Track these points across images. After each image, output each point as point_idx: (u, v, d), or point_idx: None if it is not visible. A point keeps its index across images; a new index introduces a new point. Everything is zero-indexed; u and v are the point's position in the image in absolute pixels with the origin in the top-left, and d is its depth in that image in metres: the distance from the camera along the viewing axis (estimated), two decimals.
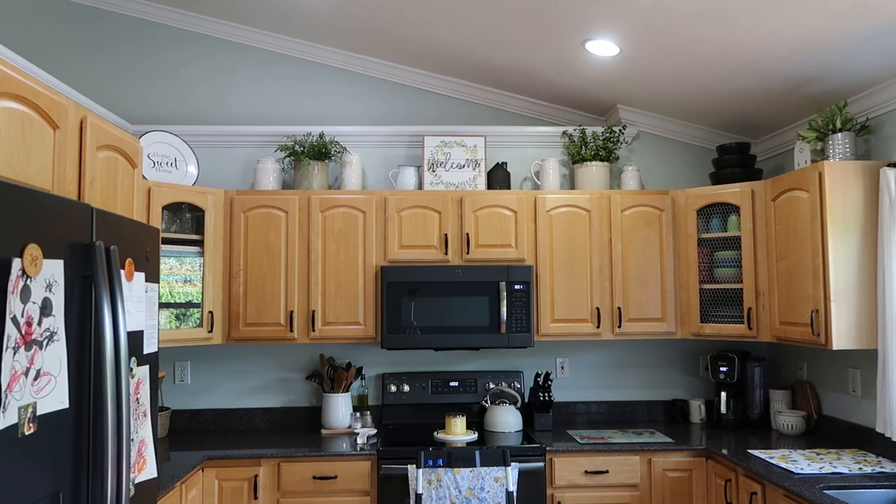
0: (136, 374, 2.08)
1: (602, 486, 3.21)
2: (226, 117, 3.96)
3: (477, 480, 3.00)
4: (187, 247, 3.39)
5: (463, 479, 3.01)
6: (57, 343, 1.60)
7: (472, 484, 3.02)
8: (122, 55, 3.93)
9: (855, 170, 2.89)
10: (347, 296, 3.50)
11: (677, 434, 3.48)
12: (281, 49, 3.96)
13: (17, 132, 1.77)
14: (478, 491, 3.00)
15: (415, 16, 3.25)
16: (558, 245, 3.58)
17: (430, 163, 3.74)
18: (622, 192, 3.63)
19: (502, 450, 3.03)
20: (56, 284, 1.60)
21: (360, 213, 3.54)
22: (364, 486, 3.15)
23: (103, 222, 1.87)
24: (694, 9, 2.64)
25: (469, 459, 3.07)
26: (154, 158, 3.51)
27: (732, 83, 3.28)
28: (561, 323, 3.56)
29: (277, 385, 3.83)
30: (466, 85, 3.99)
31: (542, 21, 3.01)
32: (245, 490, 3.13)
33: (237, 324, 3.47)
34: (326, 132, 3.86)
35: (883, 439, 2.94)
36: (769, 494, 2.67)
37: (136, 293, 2.08)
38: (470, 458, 3.08)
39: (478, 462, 3.07)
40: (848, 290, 2.86)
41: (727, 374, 3.64)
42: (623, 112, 3.91)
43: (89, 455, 1.78)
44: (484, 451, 3.05)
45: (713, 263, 3.59)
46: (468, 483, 3.02)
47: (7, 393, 1.41)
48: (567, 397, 3.92)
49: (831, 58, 2.83)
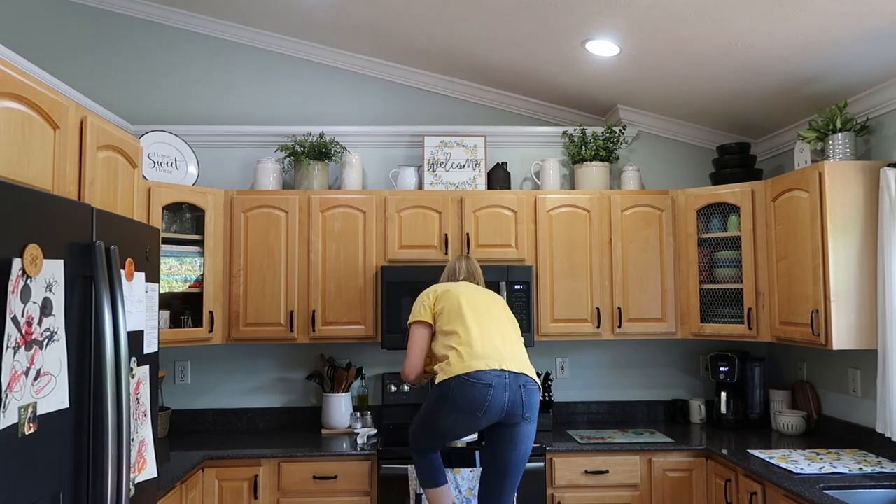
0: (137, 374, 2.08)
1: (602, 486, 3.21)
2: (226, 117, 3.96)
3: (477, 480, 3.00)
4: (187, 247, 3.39)
5: (463, 479, 3.01)
6: (57, 343, 1.60)
7: (472, 484, 3.01)
8: (122, 55, 3.93)
9: (855, 170, 2.89)
10: (347, 296, 3.50)
11: (677, 434, 3.48)
12: (281, 49, 3.97)
13: (17, 132, 1.77)
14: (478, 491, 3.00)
15: (415, 16, 3.25)
16: (558, 245, 3.59)
17: (430, 163, 3.74)
18: (622, 192, 3.63)
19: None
20: (56, 284, 1.60)
21: (360, 213, 3.54)
22: (364, 486, 3.15)
23: (103, 222, 1.87)
24: (694, 9, 2.65)
25: (469, 459, 3.07)
26: (154, 158, 3.51)
27: (732, 83, 3.28)
28: (561, 323, 3.56)
29: (277, 385, 3.83)
30: (466, 85, 3.99)
31: (543, 21, 3.01)
32: (245, 490, 3.13)
33: (237, 324, 3.47)
34: (326, 132, 3.86)
35: (883, 439, 2.94)
36: (769, 494, 2.67)
37: (137, 293, 2.08)
38: (470, 458, 3.08)
39: (478, 462, 3.07)
40: (848, 290, 2.86)
41: (727, 374, 3.64)
42: (623, 112, 3.91)
43: (89, 455, 1.78)
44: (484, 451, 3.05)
45: (713, 263, 3.59)
46: (468, 483, 3.02)
47: (7, 393, 1.41)
48: (567, 397, 3.92)
49: (831, 58, 2.83)
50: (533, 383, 2.62)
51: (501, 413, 2.54)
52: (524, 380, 2.59)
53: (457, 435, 2.63)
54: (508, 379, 2.54)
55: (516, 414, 2.55)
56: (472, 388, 2.51)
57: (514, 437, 2.58)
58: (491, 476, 2.64)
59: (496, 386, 2.51)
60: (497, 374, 2.53)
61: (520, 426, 2.58)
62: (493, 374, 2.53)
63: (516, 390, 2.54)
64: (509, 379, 2.55)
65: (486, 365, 2.54)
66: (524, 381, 2.59)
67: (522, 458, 2.61)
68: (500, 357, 2.58)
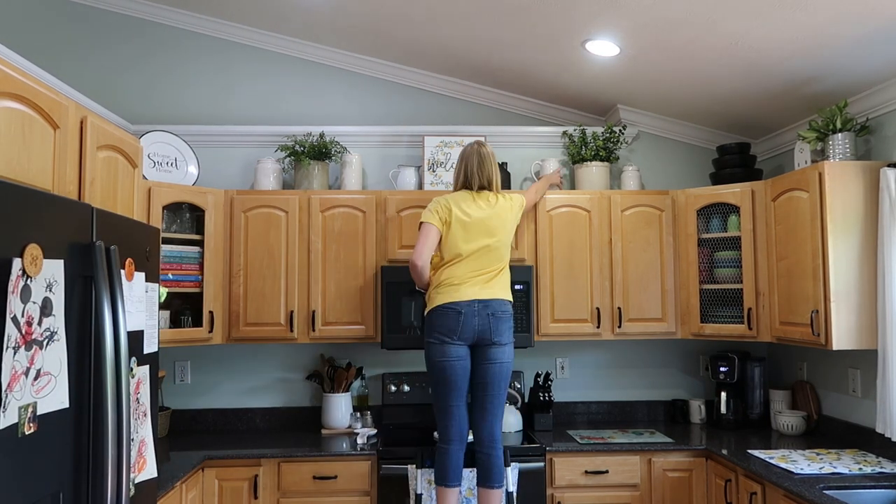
0: (137, 374, 2.08)
1: (602, 486, 3.21)
2: (226, 117, 3.96)
3: (475, 481, 2.99)
4: (187, 247, 3.40)
5: (463, 479, 3.00)
6: (57, 343, 1.60)
7: (472, 484, 3.01)
8: (122, 55, 3.93)
9: (855, 170, 2.89)
10: (347, 296, 3.51)
11: (677, 434, 3.48)
12: (281, 49, 3.97)
13: (17, 132, 1.77)
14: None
15: (415, 16, 3.25)
16: (558, 245, 3.59)
17: (430, 163, 3.74)
18: (622, 193, 3.63)
19: (502, 450, 3.03)
20: (56, 284, 1.60)
21: (360, 213, 3.54)
22: (364, 486, 3.15)
23: (103, 222, 1.87)
24: (694, 9, 2.65)
25: (468, 460, 3.07)
26: (154, 158, 3.51)
27: (732, 83, 3.28)
28: (561, 323, 3.56)
29: (277, 385, 3.83)
30: (467, 85, 3.99)
31: (543, 21, 3.01)
32: (245, 490, 3.13)
33: (237, 324, 3.47)
34: (326, 132, 3.87)
35: (883, 439, 2.94)
36: (769, 495, 2.67)
37: (137, 293, 2.08)
38: (469, 458, 3.07)
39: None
40: (848, 290, 2.86)
41: (727, 374, 3.64)
42: (623, 112, 3.91)
43: (89, 455, 1.78)
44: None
45: (713, 263, 3.59)
46: (468, 483, 3.02)
47: (7, 393, 1.41)
48: (567, 397, 3.92)
49: (831, 58, 2.83)
50: (502, 311, 2.93)
51: (473, 336, 2.89)
52: (493, 307, 2.91)
53: (456, 373, 2.88)
54: (478, 307, 2.89)
55: (486, 338, 2.90)
56: (445, 315, 2.89)
57: (488, 355, 2.92)
58: (474, 390, 2.95)
59: (466, 313, 2.88)
60: (467, 303, 2.89)
61: (491, 348, 2.91)
62: (465, 304, 2.89)
63: (485, 317, 2.89)
64: (478, 307, 2.89)
65: (462, 297, 2.90)
66: (493, 308, 2.91)
67: (497, 373, 2.92)
68: (474, 291, 2.91)
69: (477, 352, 2.93)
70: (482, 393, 2.91)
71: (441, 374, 2.88)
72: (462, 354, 2.88)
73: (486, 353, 2.91)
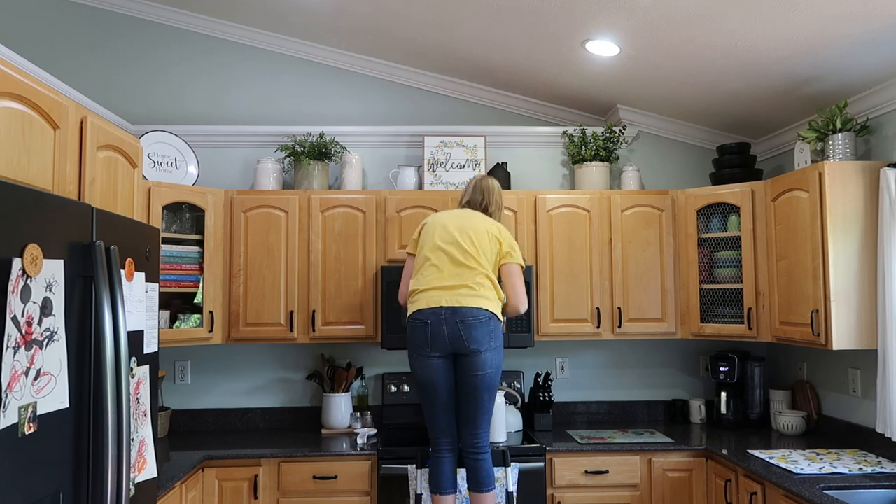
0: (136, 374, 2.08)
1: (602, 486, 3.21)
2: (226, 117, 3.96)
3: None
4: (187, 247, 3.39)
5: (463, 479, 3.00)
6: (57, 343, 1.60)
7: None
8: (122, 55, 3.93)
9: (855, 170, 2.89)
10: (347, 296, 3.50)
11: (677, 434, 3.48)
12: (281, 49, 3.97)
13: (17, 132, 1.77)
14: None
15: (415, 16, 3.25)
16: (558, 245, 3.58)
17: (430, 163, 3.74)
18: (622, 193, 3.63)
19: (502, 450, 3.03)
20: (56, 284, 1.60)
21: (360, 213, 3.54)
22: (364, 486, 3.15)
23: (103, 222, 1.87)
24: (694, 9, 2.65)
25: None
26: (154, 158, 3.51)
27: (732, 83, 3.28)
28: (561, 323, 3.56)
29: (277, 385, 3.83)
30: (466, 85, 3.99)
31: (543, 21, 3.01)
32: (245, 490, 3.13)
33: (237, 324, 3.47)
34: (326, 132, 3.86)
35: (883, 439, 2.94)
36: (769, 495, 2.67)
37: (137, 293, 2.08)
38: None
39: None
40: (848, 290, 2.86)
41: (727, 374, 3.64)
42: (623, 112, 3.91)
43: (89, 455, 1.78)
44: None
45: (713, 263, 3.59)
46: (466, 483, 3.01)
47: (7, 393, 1.41)
48: (567, 397, 3.92)
49: (831, 58, 2.83)
50: (473, 317, 2.73)
51: (447, 346, 2.74)
52: (463, 314, 2.73)
53: (436, 386, 2.77)
54: (445, 314, 2.73)
55: (461, 347, 2.74)
56: (414, 327, 2.78)
57: (468, 365, 2.76)
58: (459, 399, 2.83)
59: (432, 323, 2.73)
60: (433, 311, 2.74)
61: (470, 357, 2.75)
62: (430, 312, 2.74)
63: (454, 325, 2.72)
64: (445, 314, 2.73)
65: (426, 304, 2.76)
66: (462, 314, 2.72)
67: (479, 385, 2.77)
68: (438, 297, 2.76)
69: (458, 361, 2.79)
70: (466, 403, 2.80)
71: (422, 388, 2.81)
72: (439, 367, 2.77)
73: (466, 363, 2.76)
